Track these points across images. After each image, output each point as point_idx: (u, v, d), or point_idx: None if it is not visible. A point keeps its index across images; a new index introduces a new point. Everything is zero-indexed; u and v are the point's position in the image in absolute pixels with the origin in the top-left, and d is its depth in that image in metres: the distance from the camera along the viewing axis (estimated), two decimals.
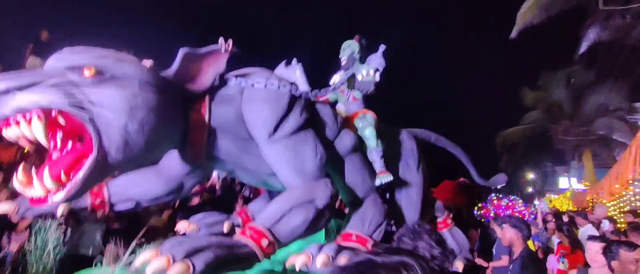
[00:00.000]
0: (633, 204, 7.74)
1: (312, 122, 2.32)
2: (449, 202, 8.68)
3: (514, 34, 12.33)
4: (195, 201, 5.08)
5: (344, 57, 3.24)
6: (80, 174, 1.56)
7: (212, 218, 2.82)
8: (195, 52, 2.03)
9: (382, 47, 3.20)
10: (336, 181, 2.42)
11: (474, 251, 5.10)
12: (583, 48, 12.61)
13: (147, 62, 2.00)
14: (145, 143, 1.68)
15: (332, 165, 2.41)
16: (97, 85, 1.59)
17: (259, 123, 2.06)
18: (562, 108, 17.37)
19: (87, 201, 2.34)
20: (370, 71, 3.12)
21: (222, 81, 2.17)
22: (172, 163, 2.43)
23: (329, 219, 2.11)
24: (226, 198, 5.32)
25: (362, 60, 3.22)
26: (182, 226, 2.75)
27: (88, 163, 1.57)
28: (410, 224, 1.75)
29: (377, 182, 2.61)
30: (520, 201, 11.07)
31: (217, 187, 6.07)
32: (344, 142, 2.52)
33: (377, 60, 3.18)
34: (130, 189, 2.42)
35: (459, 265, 3.00)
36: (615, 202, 8.22)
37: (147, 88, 1.71)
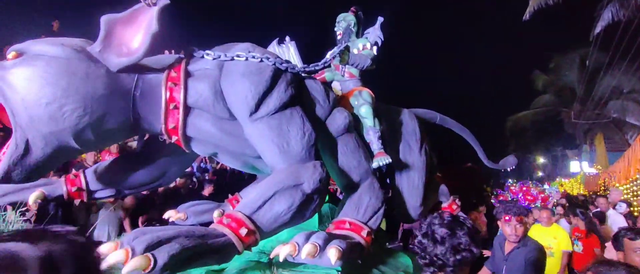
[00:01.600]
0: None
1: (300, 99, 2.11)
2: (455, 188, 8.53)
3: (526, 15, 11.89)
4: (209, 189, 4.98)
5: (339, 31, 2.99)
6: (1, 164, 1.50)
7: (201, 206, 2.69)
8: (119, 17, 1.78)
9: (380, 20, 3.00)
10: (329, 164, 2.23)
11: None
12: (598, 28, 12.11)
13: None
14: (50, 117, 1.58)
15: (323, 146, 2.22)
16: (13, 66, 1.58)
17: (239, 100, 1.87)
18: (573, 91, 16.89)
19: (62, 188, 2.21)
20: (366, 45, 2.89)
21: (199, 55, 2.00)
22: (153, 148, 2.32)
23: (319, 205, 1.92)
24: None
25: (359, 34, 3.00)
26: (170, 214, 2.62)
27: (8, 151, 1.57)
28: (442, 213, 1.39)
29: (374, 164, 2.41)
30: (536, 185, 10.85)
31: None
32: (336, 121, 2.30)
33: (374, 33, 2.97)
34: (110, 176, 2.29)
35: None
36: (628, 186, 7.99)
37: (53, 62, 1.60)
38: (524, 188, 10.01)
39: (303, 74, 2.32)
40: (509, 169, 4.37)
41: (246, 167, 2.36)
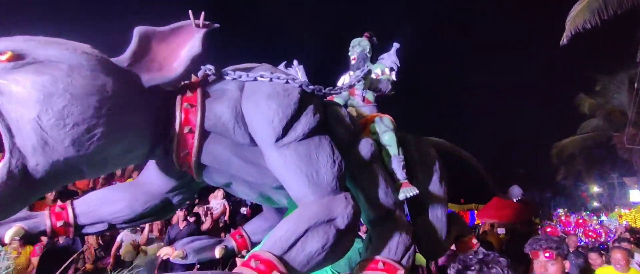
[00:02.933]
0: None
1: (326, 125, 1.96)
2: (502, 220, 8.25)
3: (564, 40, 11.72)
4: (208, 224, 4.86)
5: (353, 55, 2.92)
6: None
7: (200, 242, 2.50)
8: (157, 31, 1.62)
9: (396, 46, 2.98)
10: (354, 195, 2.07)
11: None
12: None
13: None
14: (74, 142, 1.31)
15: (348, 177, 2.06)
16: (11, 71, 1.26)
17: (263, 124, 1.71)
18: (624, 114, 15.97)
19: (46, 223, 1.89)
20: (385, 70, 2.86)
21: (218, 75, 1.83)
22: (153, 177, 2.03)
23: (351, 242, 1.78)
24: None
25: (373, 60, 2.98)
26: (165, 251, 2.41)
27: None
28: (478, 252, 1.36)
29: (401, 196, 2.25)
30: (595, 218, 9.77)
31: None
32: (362, 149, 2.13)
33: (390, 59, 2.94)
34: (101, 207, 1.99)
35: None
36: None
37: (76, 72, 1.33)
38: (580, 220, 9.10)
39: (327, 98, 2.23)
40: (514, 200, 4.26)
41: (261, 199, 2.19)
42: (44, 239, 4.22)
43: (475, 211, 18.62)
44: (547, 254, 1.95)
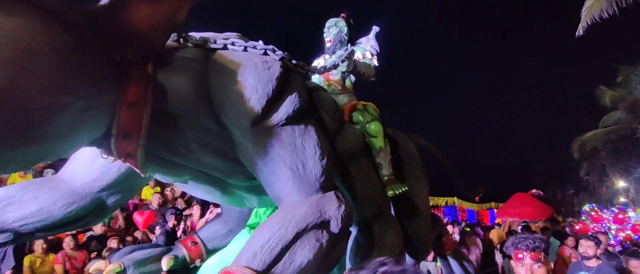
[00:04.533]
0: None
1: (310, 110, 1.62)
2: (525, 217, 8.04)
3: (580, 31, 11.41)
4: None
5: (328, 37, 2.64)
6: None
7: (142, 253, 1.98)
8: None
9: (375, 29, 2.78)
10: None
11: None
12: None
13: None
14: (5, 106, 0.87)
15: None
16: None
17: (237, 103, 1.35)
18: None
19: None
20: (366, 54, 2.64)
21: (177, 39, 1.42)
22: (81, 170, 1.57)
23: (344, 250, 1.53)
24: None
25: (349, 42, 2.68)
26: (97, 266, 1.87)
27: None
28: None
29: (390, 193, 2.02)
30: (632, 213, 8.91)
31: None
32: (349, 139, 1.86)
33: (368, 43, 2.73)
34: (7, 211, 1.45)
35: None
36: None
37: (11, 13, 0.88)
38: (620, 216, 8.26)
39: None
40: (477, 199, 4.03)
41: (225, 199, 1.79)
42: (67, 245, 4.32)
43: (495, 210, 18.27)
44: (533, 256, 1.75)
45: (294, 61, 1.63)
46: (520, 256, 1.79)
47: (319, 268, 1.29)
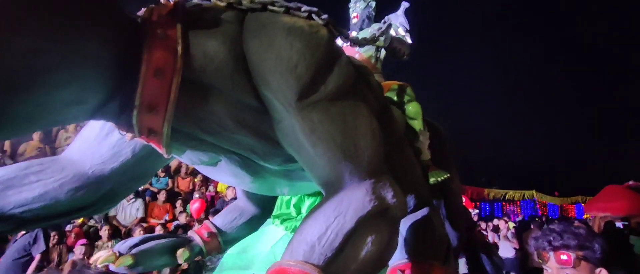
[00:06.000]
0: None
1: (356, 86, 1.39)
2: (618, 212, 7.08)
3: None
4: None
5: (355, 12, 2.49)
6: None
7: (154, 244, 1.76)
8: None
9: (405, 5, 2.53)
10: None
11: None
12: None
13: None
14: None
15: None
16: None
17: (281, 71, 1.16)
18: None
19: None
20: (399, 31, 2.45)
21: None
22: (92, 149, 1.37)
23: (397, 243, 1.33)
24: None
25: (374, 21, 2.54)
26: (105, 258, 1.61)
27: None
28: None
29: (432, 180, 1.89)
30: None
31: None
32: (392, 121, 1.67)
33: (399, 19, 2.51)
34: (7, 196, 1.26)
35: None
36: None
37: None
38: None
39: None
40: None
41: (254, 185, 1.55)
42: None
43: (583, 204, 16.39)
44: (563, 257, 1.32)
45: (337, 29, 1.41)
46: (545, 253, 1.40)
47: (380, 262, 1.14)
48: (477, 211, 11.28)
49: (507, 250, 6.27)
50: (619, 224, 6.53)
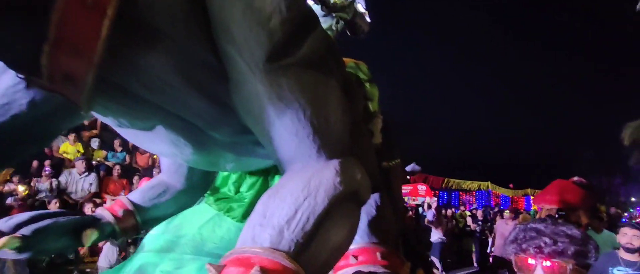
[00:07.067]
0: None
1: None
2: (563, 205, 7.59)
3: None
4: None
5: None
6: None
7: (45, 221, 1.44)
8: None
9: None
10: None
11: None
12: None
13: None
14: None
15: None
16: None
17: (250, 27, 0.99)
18: None
19: None
20: (358, 6, 2.31)
21: None
22: None
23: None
24: None
25: None
26: None
27: None
28: None
29: (384, 164, 1.85)
30: None
31: None
32: (353, 100, 1.50)
33: None
34: None
35: None
36: None
37: None
38: None
39: None
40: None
41: (194, 158, 1.33)
42: None
43: (531, 197, 17.54)
44: (546, 263, 1.09)
45: None
46: (530, 261, 1.11)
47: (347, 247, 1.04)
48: (435, 199, 11.77)
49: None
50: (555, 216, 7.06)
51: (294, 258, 0.82)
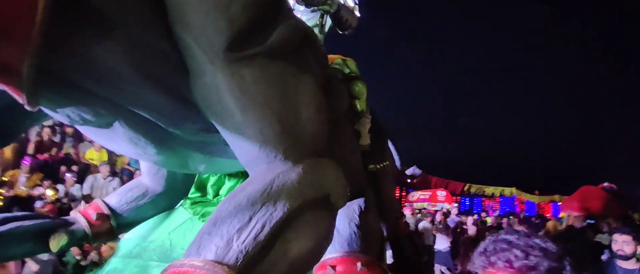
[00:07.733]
0: None
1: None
2: (591, 212, 7.26)
3: None
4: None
5: None
6: None
7: (9, 225, 1.30)
8: None
9: None
10: None
11: None
12: None
13: None
14: None
15: None
16: None
17: (207, 11, 0.87)
18: None
19: None
20: (348, 1, 2.23)
21: None
22: None
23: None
24: None
25: None
26: None
27: None
28: None
29: (371, 167, 1.74)
30: None
31: None
32: (336, 97, 1.42)
33: None
34: None
35: None
36: None
37: None
38: None
39: None
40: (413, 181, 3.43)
41: (159, 158, 1.20)
42: None
43: (559, 203, 16.83)
44: None
45: None
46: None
47: (314, 259, 0.92)
48: (456, 205, 11.49)
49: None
50: (583, 224, 6.73)
51: (240, 272, 0.72)
